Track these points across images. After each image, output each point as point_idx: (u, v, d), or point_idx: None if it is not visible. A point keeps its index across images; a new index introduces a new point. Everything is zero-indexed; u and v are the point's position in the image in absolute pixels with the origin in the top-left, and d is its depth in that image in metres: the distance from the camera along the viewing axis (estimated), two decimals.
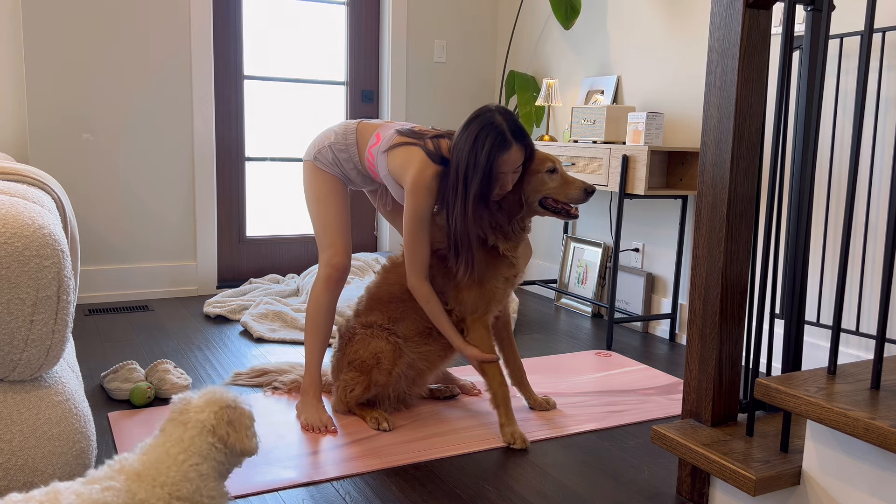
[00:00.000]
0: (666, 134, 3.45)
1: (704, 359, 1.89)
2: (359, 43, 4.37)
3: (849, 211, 1.61)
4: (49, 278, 1.35)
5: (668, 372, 2.94)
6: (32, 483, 1.35)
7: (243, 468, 1.98)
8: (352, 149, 2.31)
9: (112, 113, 3.69)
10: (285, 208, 4.33)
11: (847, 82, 2.65)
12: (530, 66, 4.38)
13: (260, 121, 4.18)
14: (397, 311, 2.31)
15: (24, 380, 1.40)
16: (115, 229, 3.77)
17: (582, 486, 1.96)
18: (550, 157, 2.26)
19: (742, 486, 1.62)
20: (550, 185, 2.23)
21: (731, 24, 1.79)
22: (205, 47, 3.83)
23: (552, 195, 2.24)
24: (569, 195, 2.23)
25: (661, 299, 3.50)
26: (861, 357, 2.66)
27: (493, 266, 2.25)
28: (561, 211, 2.26)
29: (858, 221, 2.63)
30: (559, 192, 2.23)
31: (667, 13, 3.44)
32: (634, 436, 2.30)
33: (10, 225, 1.33)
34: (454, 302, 2.27)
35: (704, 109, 1.87)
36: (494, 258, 2.26)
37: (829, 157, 2.68)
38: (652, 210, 3.56)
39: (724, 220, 1.83)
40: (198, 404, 1.38)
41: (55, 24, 3.51)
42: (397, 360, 2.27)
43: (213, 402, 1.39)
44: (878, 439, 1.40)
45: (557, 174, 2.24)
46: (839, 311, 1.65)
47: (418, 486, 1.94)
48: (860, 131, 1.59)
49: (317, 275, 2.34)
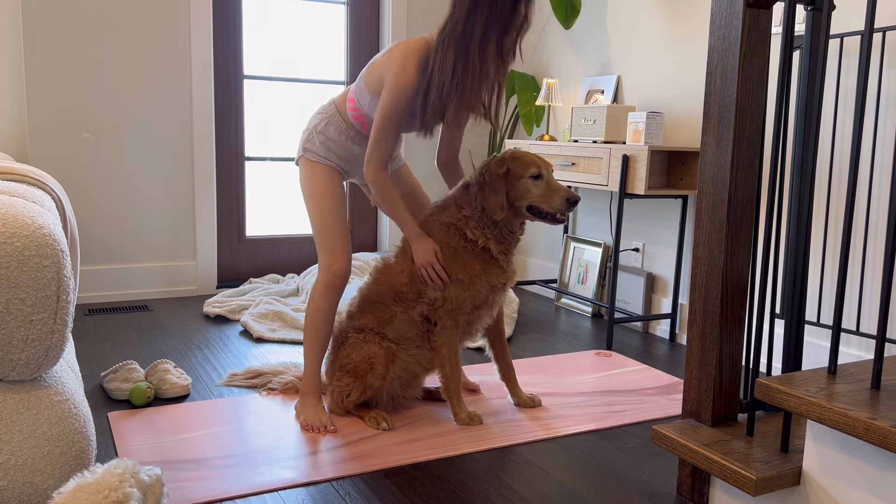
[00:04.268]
0: (666, 134, 3.45)
1: (704, 359, 1.89)
2: (359, 43, 4.37)
3: (849, 211, 1.61)
4: (49, 278, 1.35)
5: (668, 372, 2.94)
6: (32, 483, 1.35)
7: (243, 468, 1.98)
8: (334, 117, 2.30)
9: (112, 113, 3.69)
10: (285, 208, 4.33)
11: (847, 82, 2.65)
12: (530, 66, 4.38)
13: (260, 121, 4.17)
14: (387, 312, 2.30)
15: (23, 380, 1.40)
16: (115, 229, 3.77)
17: (582, 486, 1.96)
18: (537, 160, 2.24)
19: (742, 486, 1.62)
20: (534, 192, 2.22)
21: (731, 23, 1.79)
22: (205, 47, 3.83)
23: (535, 203, 2.23)
24: (552, 205, 2.22)
25: (662, 299, 3.50)
26: (861, 357, 2.66)
27: (482, 268, 2.26)
28: (547, 216, 2.25)
29: (858, 221, 2.63)
30: (542, 200, 2.22)
31: (667, 13, 3.44)
32: (634, 436, 2.30)
33: (9, 225, 1.33)
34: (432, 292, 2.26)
35: (704, 109, 1.87)
36: (485, 261, 2.27)
37: (829, 156, 2.68)
38: (652, 210, 3.56)
39: (724, 220, 1.83)
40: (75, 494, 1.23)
41: (55, 24, 3.51)
42: (391, 365, 2.27)
43: (94, 490, 1.25)
44: (878, 439, 1.40)
45: (542, 180, 2.23)
46: (839, 311, 1.65)
47: (418, 486, 1.94)
48: (860, 131, 1.59)
49: (316, 279, 2.33)
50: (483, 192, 2.23)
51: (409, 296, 2.29)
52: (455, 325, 2.29)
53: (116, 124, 3.70)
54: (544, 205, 2.22)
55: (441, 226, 2.28)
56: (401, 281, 2.30)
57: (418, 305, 2.28)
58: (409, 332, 2.30)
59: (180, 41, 3.78)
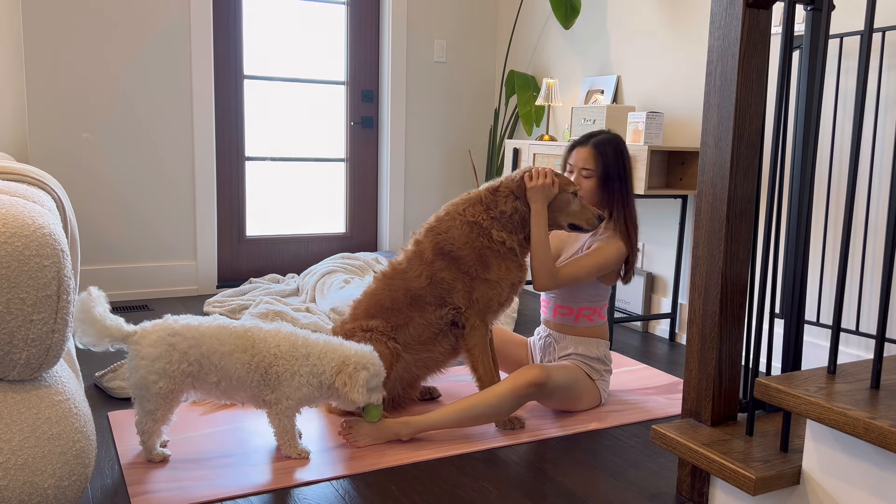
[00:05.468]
0: (666, 134, 3.45)
1: (704, 358, 1.89)
2: (359, 43, 4.37)
3: (849, 210, 1.61)
4: (49, 278, 1.35)
5: (668, 372, 2.94)
6: (32, 482, 1.35)
7: (243, 467, 1.98)
8: None
9: (112, 113, 3.69)
10: (285, 208, 4.33)
11: (847, 82, 2.65)
12: (530, 66, 4.38)
13: (260, 121, 4.18)
14: (401, 318, 2.31)
15: (23, 379, 1.40)
16: (115, 229, 3.77)
17: (581, 486, 1.96)
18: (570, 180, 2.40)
19: (742, 485, 1.62)
20: (573, 208, 2.35)
21: (730, 24, 1.79)
22: (205, 47, 3.83)
23: (573, 221, 2.37)
24: (589, 221, 2.37)
25: (661, 299, 3.50)
26: (861, 357, 2.66)
27: (507, 267, 2.30)
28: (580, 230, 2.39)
29: (858, 221, 2.63)
30: (579, 216, 2.36)
31: (667, 13, 3.44)
32: (634, 435, 2.30)
33: (9, 224, 1.33)
34: (464, 300, 2.28)
35: (704, 109, 1.87)
36: (509, 260, 2.31)
37: (829, 156, 2.68)
38: (652, 210, 3.56)
39: (724, 220, 1.83)
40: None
41: (55, 24, 3.51)
42: (394, 364, 2.27)
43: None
44: (877, 439, 1.40)
45: (578, 198, 2.37)
46: (839, 311, 1.65)
47: (418, 485, 1.94)
48: (860, 131, 1.59)
49: None
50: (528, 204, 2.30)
51: (429, 300, 2.30)
52: (484, 326, 2.32)
53: (116, 124, 3.70)
54: (581, 221, 2.36)
55: (465, 224, 2.29)
56: (418, 286, 2.30)
57: (443, 310, 2.29)
58: (422, 336, 2.31)
59: (180, 41, 3.78)
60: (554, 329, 2.52)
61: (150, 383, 1.89)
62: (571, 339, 2.46)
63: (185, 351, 1.91)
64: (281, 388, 1.96)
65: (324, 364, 1.97)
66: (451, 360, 2.41)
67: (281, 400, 1.97)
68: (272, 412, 2.01)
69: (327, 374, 1.97)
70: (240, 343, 1.95)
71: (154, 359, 1.89)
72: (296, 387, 1.96)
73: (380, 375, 2.01)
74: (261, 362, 1.95)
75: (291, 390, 1.96)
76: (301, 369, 1.96)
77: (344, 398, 1.98)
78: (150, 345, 1.90)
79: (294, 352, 1.97)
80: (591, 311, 2.46)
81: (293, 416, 2.02)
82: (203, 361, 1.93)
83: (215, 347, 1.93)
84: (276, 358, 1.95)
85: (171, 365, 1.90)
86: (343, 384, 1.95)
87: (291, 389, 1.96)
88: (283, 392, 1.96)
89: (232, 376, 1.94)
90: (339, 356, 1.98)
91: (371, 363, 1.99)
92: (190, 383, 1.95)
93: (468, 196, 2.36)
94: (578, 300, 2.46)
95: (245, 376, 1.95)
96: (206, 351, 1.93)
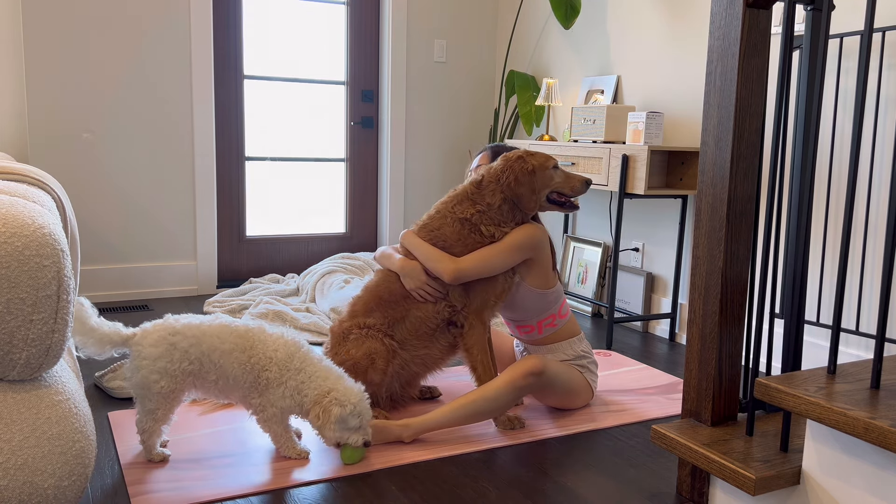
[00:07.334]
0: (666, 133, 3.45)
1: (704, 358, 1.89)
2: (359, 43, 4.37)
3: (849, 210, 1.61)
4: (49, 278, 1.35)
5: (668, 372, 2.94)
6: (32, 482, 1.35)
7: (244, 467, 1.98)
8: None
9: (112, 112, 3.69)
10: (285, 208, 4.33)
11: (847, 82, 2.65)
12: (530, 66, 4.38)
13: (260, 121, 4.18)
14: (398, 311, 2.31)
15: (23, 379, 1.40)
16: (115, 229, 3.77)
17: (581, 486, 1.96)
18: (548, 154, 2.40)
19: (742, 485, 1.62)
20: (556, 179, 2.35)
21: (730, 24, 1.79)
22: (205, 47, 3.83)
23: (558, 189, 2.36)
24: (574, 188, 2.37)
25: (661, 299, 3.50)
26: (861, 357, 2.66)
27: None
28: (565, 203, 2.38)
29: (858, 221, 2.63)
30: (564, 185, 2.36)
31: (667, 13, 3.44)
32: (634, 435, 2.30)
33: (9, 224, 1.33)
34: (460, 298, 2.30)
35: (704, 109, 1.87)
36: None
37: (829, 156, 2.68)
38: (652, 210, 3.56)
39: (724, 220, 1.83)
40: None
41: (55, 24, 3.51)
42: (391, 360, 2.27)
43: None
44: (877, 439, 1.40)
45: (560, 170, 2.37)
46: (839, 311, 1.65)
47: (418, 485, 1.94)
48: (860, 131, 1.59)
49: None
50: (512, 190, 2.28)
51: None
52: (482, 324, 2.32)
53: (116, 124, 3.70)
54: (566, 189, 2.36)
55: (455, 221, 2.31)
56: None
57: (439, 304, 2.30)
58: (420, 331, 2.32)
59: (180, 41, 3.78)
60: (526, 343, 2.52)
61: (152, 383, 1.89)
62: (545, 348, 2.45)
63: (186, 349, 1.91)
64: (267, 394, 1.95)
65: (309, 387, 1.94)
66: (449, 357, 2.40)
67: (266, 406, 1.96)
68: (259, 419, 2.00)
69: (308, 399, 1.94)
70: (240, 343, 1.95)
71: (156, 358, 1.89)
72: (279, 396, 1.94)
73: (362, 416, 1.95)
74: (255, 364, 1.94)
75: (276, 398, 1.95)
76: (289, 381, 1.94)
77: (318, 430, 1.96)
78: (151, 344, 1.90)
79: (288, 362, 1.95)
80: (551, 318, 2.42)
81: (281, 423, 2.00)
82: (203, 360, 1.93)
83: (216, 345, 1.93)
84: (271, 362, 1.95)
85: (172, 364, 1.90)
86: (316, 416, 1.92)
87: (276, 398, 1.95)
88: (268, 398, 1.96)
89: (229, 375, 1.94)
90: (325, 385, 1.94)
91: (351, 402, 1.92)
92: (191, 382, 1.95)
93: (455, 193, 2.37)
94: (530, 316, 2.41)
95: (240, 376, 1.95)
96: (207, 349, 1.93)
